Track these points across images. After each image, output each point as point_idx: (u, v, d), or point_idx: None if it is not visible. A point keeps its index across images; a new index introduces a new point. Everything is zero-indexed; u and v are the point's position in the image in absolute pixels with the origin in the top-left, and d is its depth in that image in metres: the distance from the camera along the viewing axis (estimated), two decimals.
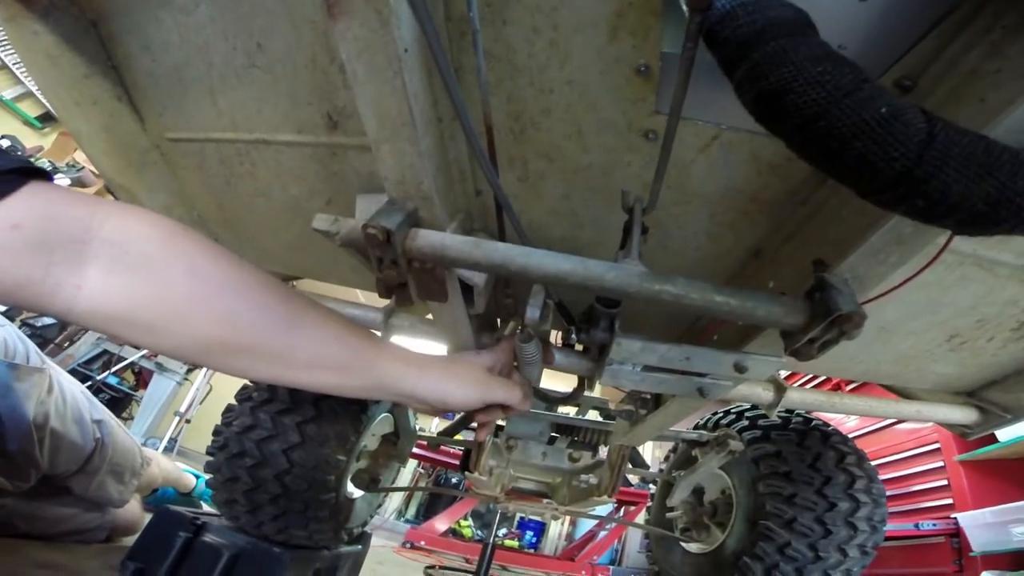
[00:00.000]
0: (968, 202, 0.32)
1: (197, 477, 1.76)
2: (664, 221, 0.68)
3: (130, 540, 1.18)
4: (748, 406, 1.32)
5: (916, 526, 2.44)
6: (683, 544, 1.38)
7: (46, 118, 5.11)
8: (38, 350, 1.02)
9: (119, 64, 0.79)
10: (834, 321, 0.44)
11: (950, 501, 2.45)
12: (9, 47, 4.61)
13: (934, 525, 2.39)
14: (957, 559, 2.27)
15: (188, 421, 3.85)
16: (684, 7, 0.36)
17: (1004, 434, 2.21)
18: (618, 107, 0.56)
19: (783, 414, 1.24)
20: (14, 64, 4.80)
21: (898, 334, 0.77)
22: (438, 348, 0.84)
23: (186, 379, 3.90)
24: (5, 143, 4.07)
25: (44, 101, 4.93)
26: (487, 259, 0.46)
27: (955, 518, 2.32)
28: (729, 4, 0.36)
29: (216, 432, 1.17)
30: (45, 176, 0.43)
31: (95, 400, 1.18)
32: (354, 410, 1.17)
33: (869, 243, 0.46)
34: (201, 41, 0.69)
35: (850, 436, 1.22)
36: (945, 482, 2.51)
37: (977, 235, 0.34)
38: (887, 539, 1.12)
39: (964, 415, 0.98)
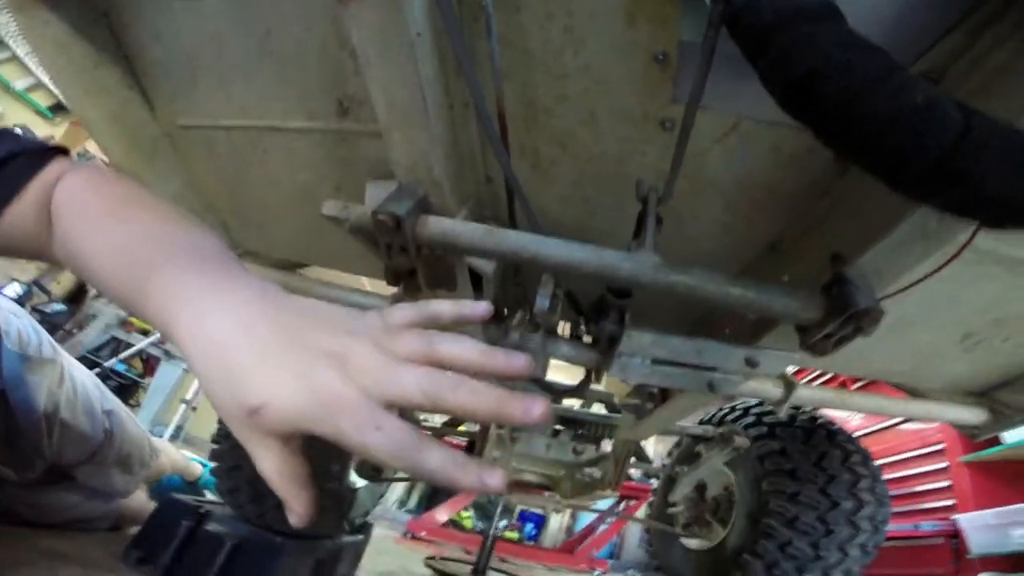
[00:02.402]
0: (1005, 195, 0.31)
1: (204, 465, 1.77)
2: (678, 211, 0.66)
3: (135, 528, 1.19)
4: (755, 402, 1.31)
5: (916, 527, 2.43)
6: (684, 540, 1.38)
7: (57, 108, 5.10)
8: (51, 339, 1.01)
9: (130, 53, 0.79)
10: (851, 317, 0.43)
11: (952, 502, 2.43)
12: (20, 37, 4.63)
13: (934, 526, 2.38)
14: (955, 561, 2.26)
15: (194, 409, 3.87)
16: None
17: (1009, 436, 2.19)
18: (634, 95, 0.55)
19: (789, 411, 1.23)
20: (26, 55, 4.79)
21: (912, 330, 0.76)
22: None
23: None
24: (18, 132, 4.11)
25: (55, 91, 4.96)
26: (498, 247, 0.46)
27: (955, 519, 2.31)
28: None
29: (222, 420, 1.17)
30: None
31: (106, 390, 1.17)
32: None
33: (892, 237, 0.45)
34: (211, 29, 0.69)
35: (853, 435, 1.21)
36: (948, 483, 2.49)
37: (1010, 229, 0.33)
38: (886, 539, 1.12)
39: (974, 415, 0.97)
